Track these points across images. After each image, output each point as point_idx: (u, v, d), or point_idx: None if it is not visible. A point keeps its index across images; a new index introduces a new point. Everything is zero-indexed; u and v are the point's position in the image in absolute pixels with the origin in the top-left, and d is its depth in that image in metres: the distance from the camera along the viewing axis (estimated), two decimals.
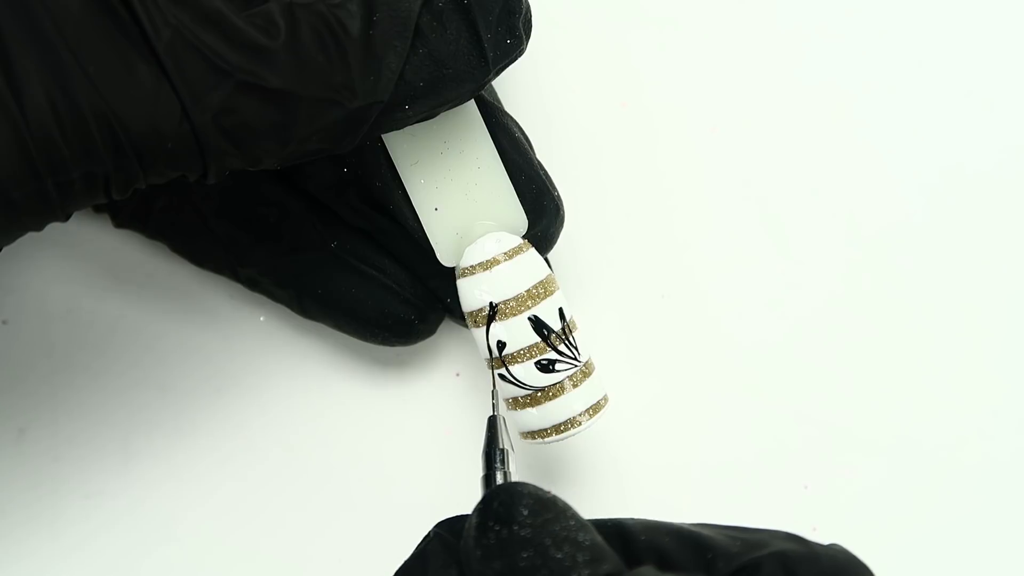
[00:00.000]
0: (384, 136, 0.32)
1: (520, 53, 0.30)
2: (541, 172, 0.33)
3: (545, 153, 0.37)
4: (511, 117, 0.34)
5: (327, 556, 0.36)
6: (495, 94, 0.35)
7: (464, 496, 0.37)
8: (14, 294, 0.37)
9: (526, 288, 0.32)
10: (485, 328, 0.32)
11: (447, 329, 0.37)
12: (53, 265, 0.37)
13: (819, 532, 0.37)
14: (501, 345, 0.32)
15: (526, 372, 0.32)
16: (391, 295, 0.35)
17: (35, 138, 0.25)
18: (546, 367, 0.32)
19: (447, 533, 0.28)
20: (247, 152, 0.27)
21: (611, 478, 0.37)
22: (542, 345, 0.32)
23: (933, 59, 0.40)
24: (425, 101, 0.29)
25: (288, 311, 0.36)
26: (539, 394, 0.32)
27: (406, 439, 0.37)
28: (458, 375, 0.37)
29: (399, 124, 0.29)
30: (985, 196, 0.39)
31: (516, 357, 0.32)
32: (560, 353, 0.32)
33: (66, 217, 0.27)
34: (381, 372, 0.37)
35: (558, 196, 0.34)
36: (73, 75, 0.26)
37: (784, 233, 0.39)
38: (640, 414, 0.37)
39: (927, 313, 0.38)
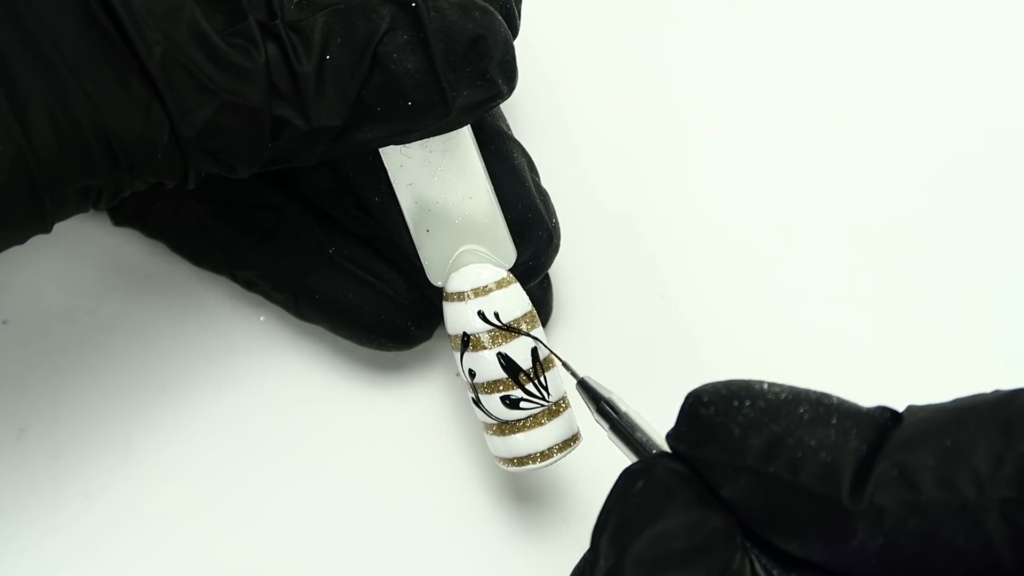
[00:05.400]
0: (382, 155, 0.32)
1: (497, 97, 0.30)
2: (538, 201, 0.33)
3: (545, 154, 0.37)
4: (515, 142, 0.34)
5: (327, 556, 0.36)
6: (501, 115, 0.35)
7: (464, 496, 0.37)
8: (14, 294, 0.37)
9: (499, 325, 0.32)
10: (460, 354, 0.32)
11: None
12: (53, 265, 0.37)
13: None
14: (472, 373, 0.32)
15: (492, 403, 0.32)
16: (387, 301, 0.35)
17: (37, 156, 0.26)
18: (512, 403, 0.32)
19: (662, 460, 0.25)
20: (223, 162, 0.28)
21: (609, 477, 0.37)
22: (508, 382, 0.32)
23: (934, 58, 0.40)
24: (384, 127, 0.29)
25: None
26: (504, 426, 0.32)
27: (406, 440, 0.37)
28: (458, 375, 0.37)
29: (366, 145, 0.29)
30: (986, 196, 0.39)
31: (484, 387, 0.32)
32: (527, 392, 0.32)
33: (50, 229, 0.27)
34: (381, 373, 0.37)
35: (554, 225, 0.34)
36: (72, 93, 0.26)
37: (784, 233, 0.39)
38: (638, 414, 0.37)
39: (927, 312, 0.38)
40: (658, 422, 0.37)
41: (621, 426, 0.29)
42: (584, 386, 0.30)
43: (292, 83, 0.28)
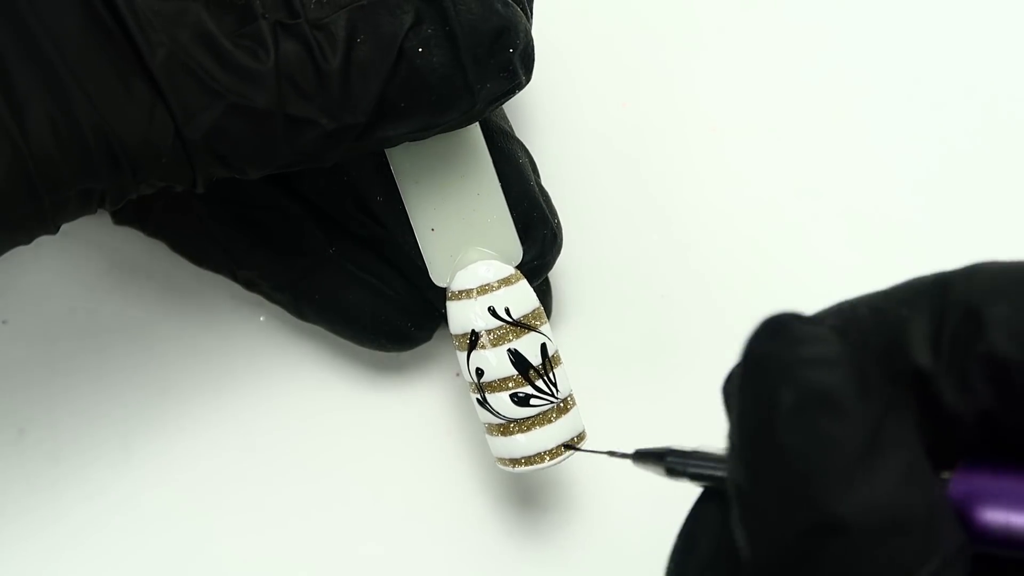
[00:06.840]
0: (387, 152, 0.32)
1: (517, 88, 0.29)
2: (542, 200, 0.33)
3: (545, 154, 0.37)
4: (519, 142, 0.34)
5: (327, 556, 0.36)
6: (504, 114, 0.35)
7: (464, 496, 0.37)
8: (14, 294, 0.37)
9: (509, 320, 0.31)
10: (466, 353, 0.32)
11: (447, 330, 0.37)
12: (53, 265, 0.37)
13: None
14: (480, 372, 0.32)
15: (500, 402, 0.32)
16: (388, 302, 0.35)
17: (35, 158, 0.25)
18: (521, 400, 0.31)
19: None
20: (233, 166, 0.28)
21: (608, 479, 0.37)
22: (519, 378, 0.31)
23: (934, 58, 0.40)
24: (408, 123, 0.28)
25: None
26: (512, 425, 0.32)
27: (406, 439, 0.37)
28: (458, 375, 0.37)
29: (385, 143, 0.29)
30: (986, 196, 0.39)
31: (493, 386, 0.32)
32: (537, 388, 0.32)
33: (56, 230, 0.27)
34: (381, 373, 0.37)
35: (557, 224, 0.34)
36: (72, 94, 0.26)
37: (785, 233, 0.39)
38: (638, 414, 0.37)
39: None
40: (658, 423, 0.37)
41: (699, 462, 0.28)
42: (642, 456, 0.28)
43: (318, 81, 0.27)
